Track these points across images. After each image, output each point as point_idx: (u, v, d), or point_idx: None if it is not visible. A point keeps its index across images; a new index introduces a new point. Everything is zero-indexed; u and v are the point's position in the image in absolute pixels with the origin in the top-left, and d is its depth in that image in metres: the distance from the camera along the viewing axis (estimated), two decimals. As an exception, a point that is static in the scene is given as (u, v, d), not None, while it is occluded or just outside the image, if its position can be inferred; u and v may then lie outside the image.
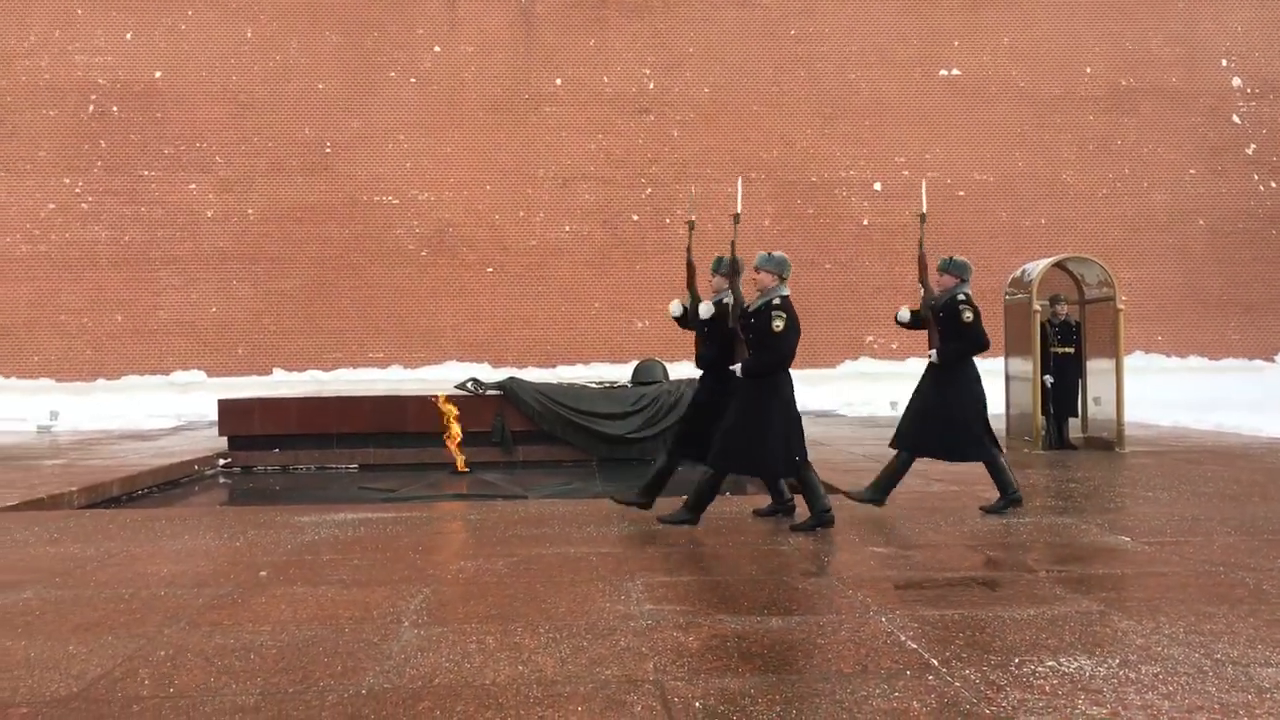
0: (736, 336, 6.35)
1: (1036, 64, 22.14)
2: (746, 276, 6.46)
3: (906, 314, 7.11)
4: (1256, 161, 22.38)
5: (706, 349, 6.70)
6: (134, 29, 20.96)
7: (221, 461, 12.02)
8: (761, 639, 3.95)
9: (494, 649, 3.85)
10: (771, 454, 6.20)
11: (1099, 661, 3.62)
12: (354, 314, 20.87)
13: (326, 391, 15.40)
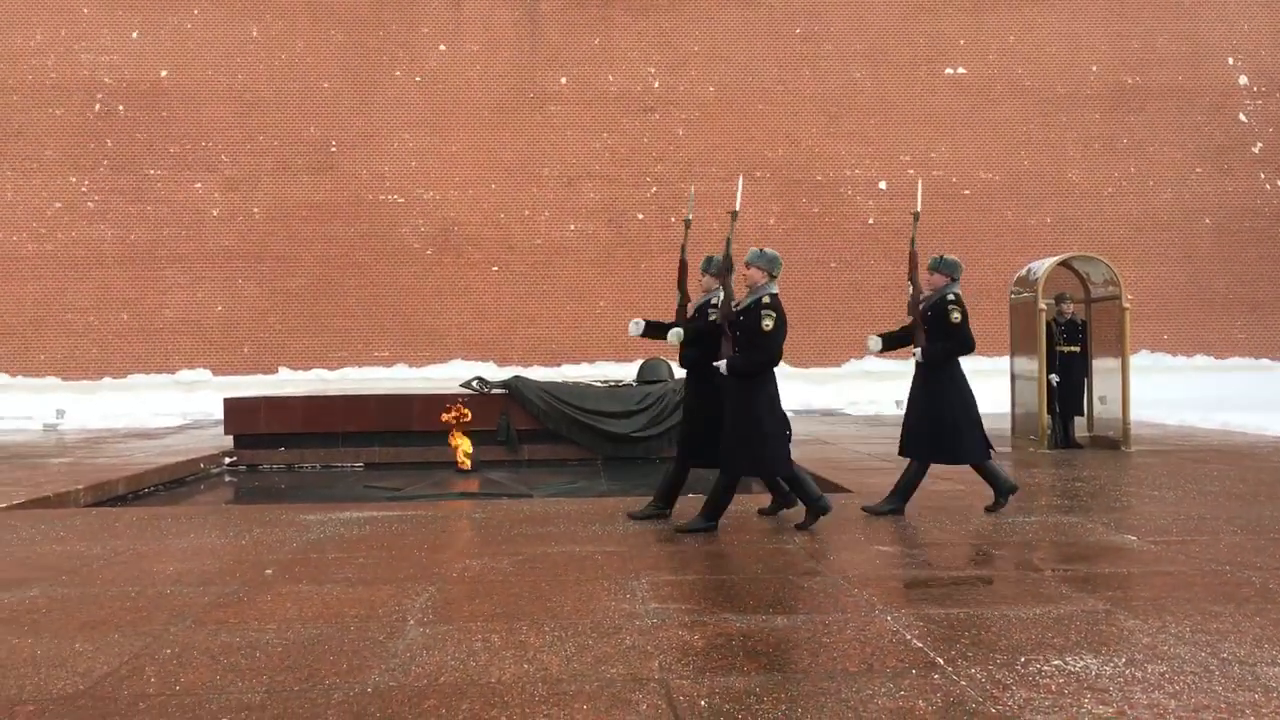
0: (723, 334, 6.29)
1: (1041, 63, 22.10)
2: (737, 273, 6.40)
3: (877, 344, 7.02)
4: (1263, 160, 22.31)
5: (691, 349, 6.65)
6: (140, 28, 21.00)
7: (227, 460, 12.04)
8: (766, 637, 3.95)
9: (499, 647, 3.85)
10: (771, 453, 6.18)
11: (1105, 660, 3.62)
12: (359, 313, 20.88)
13: (332, 390, 15.41)
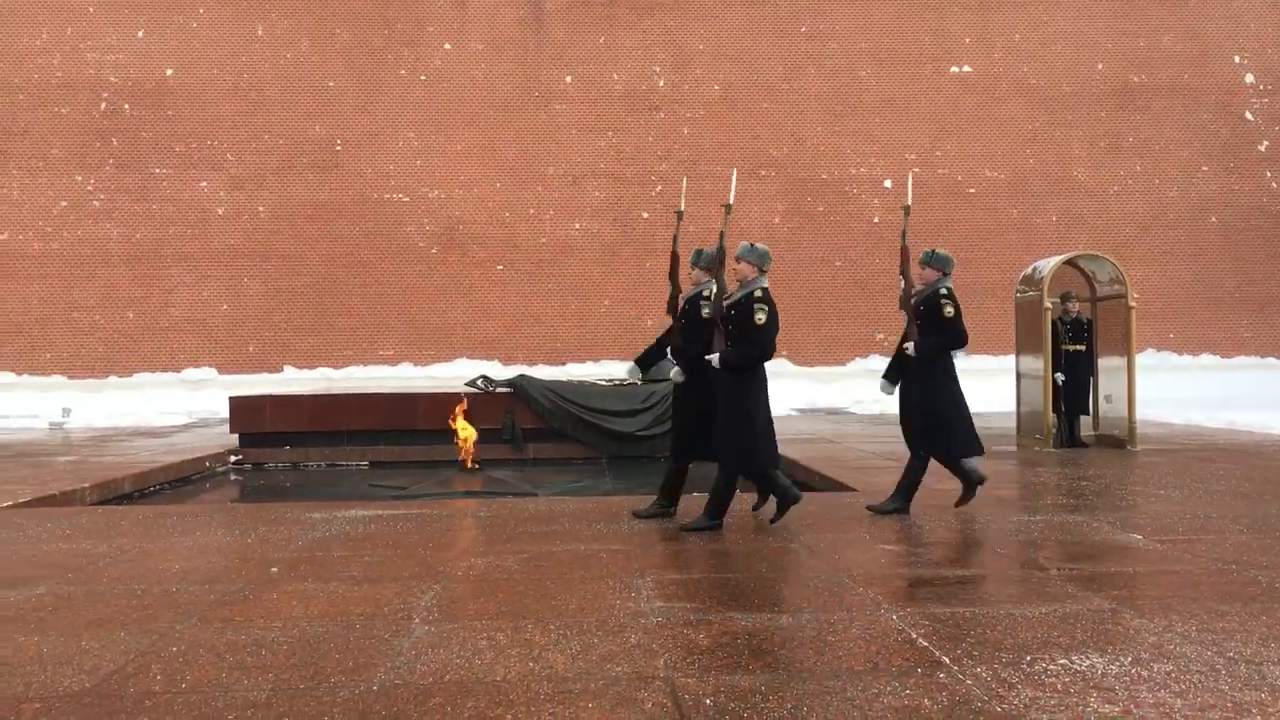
0: (715, 327, 6.26)
1: (1047, 61, 22.04)
2: (727, 267, 6.38)
3: (889, 387, 7.05)
4: (1269, 158, 22.24)
5: (683, 341, 6.64)
6: (145, 27, 21.02)
7: (233, 458, 12.07)
8: (772, 636, 3.95)
9: (505, 645, 3.85)
10: (762, 446, 6.19)
11: (1111, 659, 3.61)
12: (364, 311, 20.89)
13: (337, 389, 15.44)
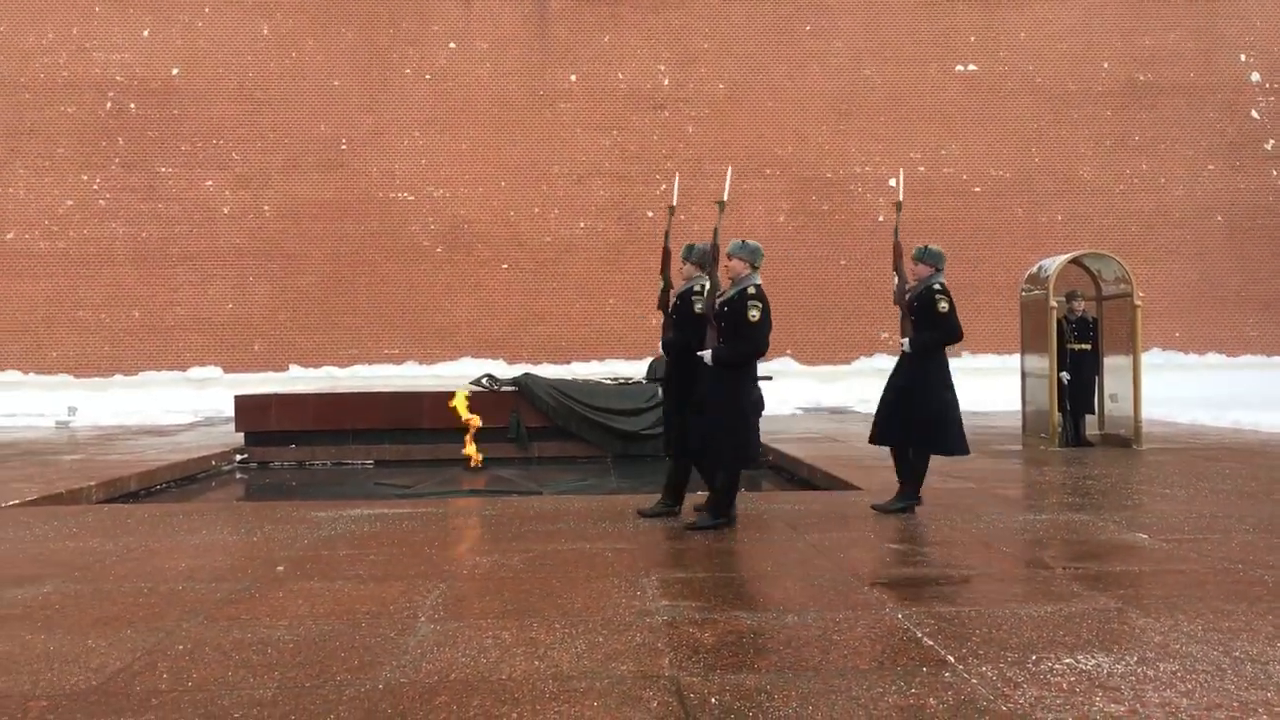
0: (709, 324, 6.25)
1: (1053, 59, 22.00)
2: (720, 264, 6.36)
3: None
4: (1275, 157, 22.19)
5: (676, 335, 6.64)
6: (151, 26, 21.05)
7: (238, 457, 12.10)
8: (777, 635, 3.95)
9: (510, 644, 3.86)
10: (753, 442, 6.21)
11: (1117, 659, 3.61)
12: (369, 310, 20.91)
13: (342, 387, 15.44)
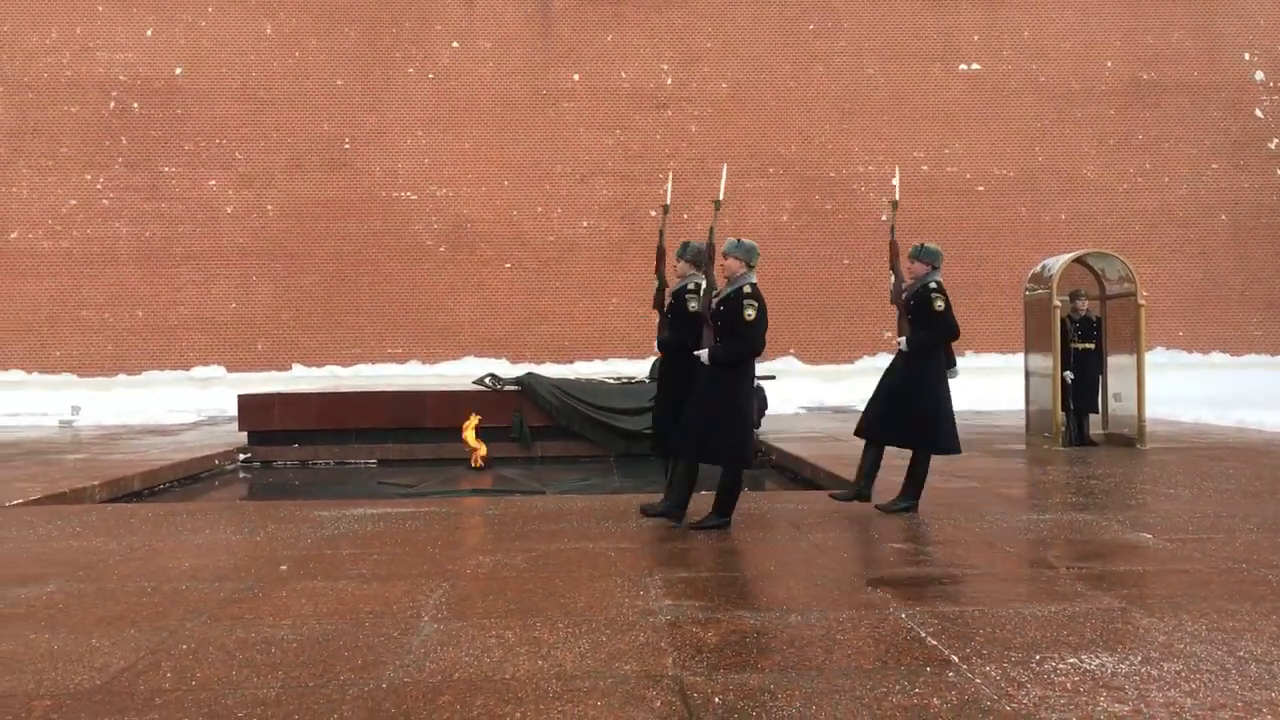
0: (705, 322, 6.25)
1: (1056, 58, 21.97)
2: (715, 262, 6.34)
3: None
4: (1279, 155, 22.16)
5: (671, 334, 6.63)
6: (154, 26, 21.06)
7: (241, 456, 12.10)
8: (780, 634, 3.95)
9: (513, 644, 3.86)
10: (747, 444, 6.22)
11: (1121, 659, 3.60)
12: (372, 309, 20.92)
13: (345, 387, 15.45)
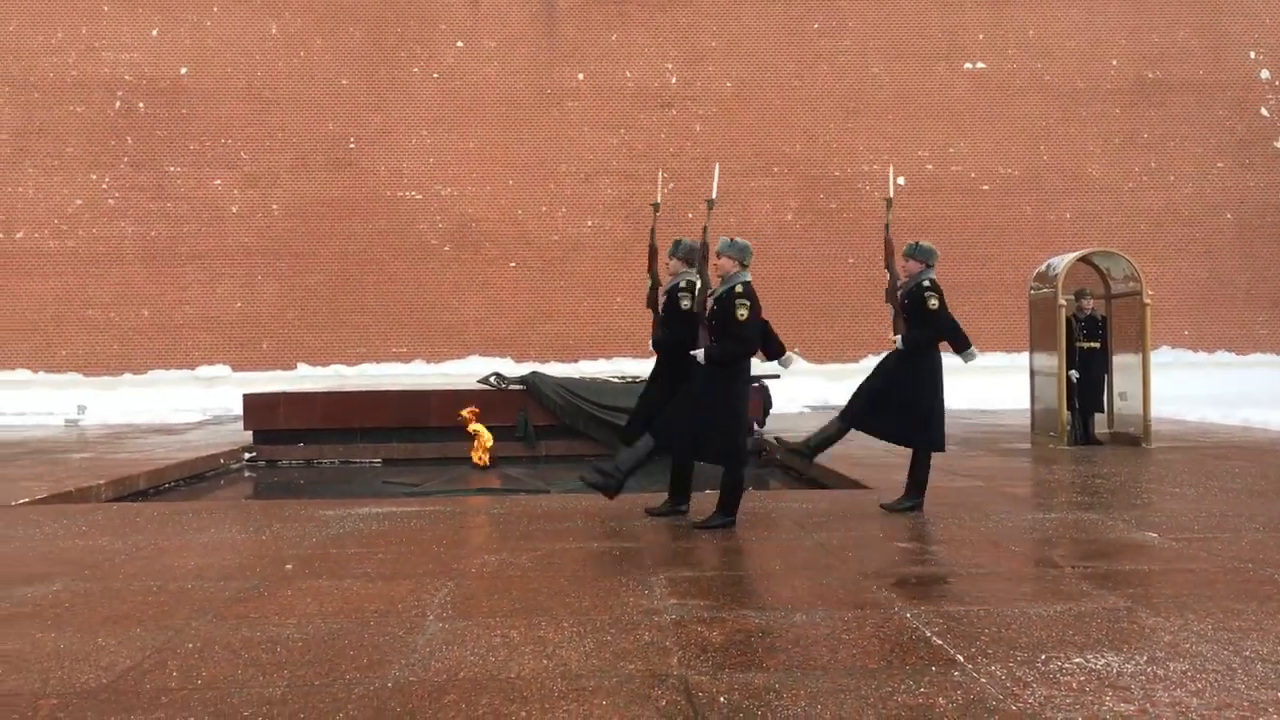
0: (700, 322, 6.26)
1: (1061, 57, 21.94)
2: (710, 262, 6.36)
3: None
4: (1285, 154, 22.13)
5: (665, 333, 6.63)
6: (160, 26, 21.10)
7: (247, 455, 12.12)
8: (786, 634, 3.95)
9: (518, 643, 3.86)
10: (742, 443, 6.24)
11: (1126, 658, 3.60)
12: (377, 309, 20.94)
13: (350, 386, 15.46)
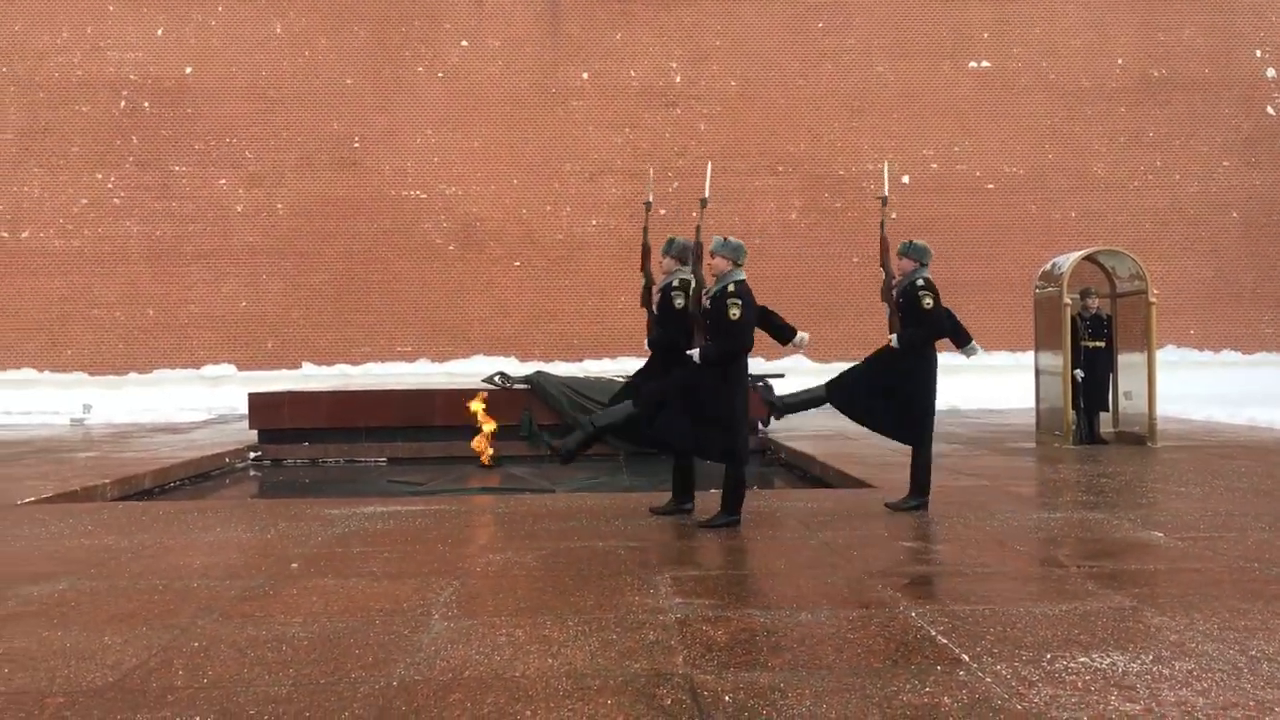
0: (696, 321, 6.27)
1: (1067, 56, 21.90)
2: (704, 261, 6.36)
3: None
4: (1291, 153, 22.07)
5: (660, 333, 6.62)
6: (165, 25, 21.13)
7: (252, 454, 12.13)
8: (790, 633, 3.95)
9: (523, 642, 3.86)
10: (745, 441, 6.25)
11: (1132, 658, 3.59)
12: (382, 308, 20.96)
13: (355, 385, 15.48)
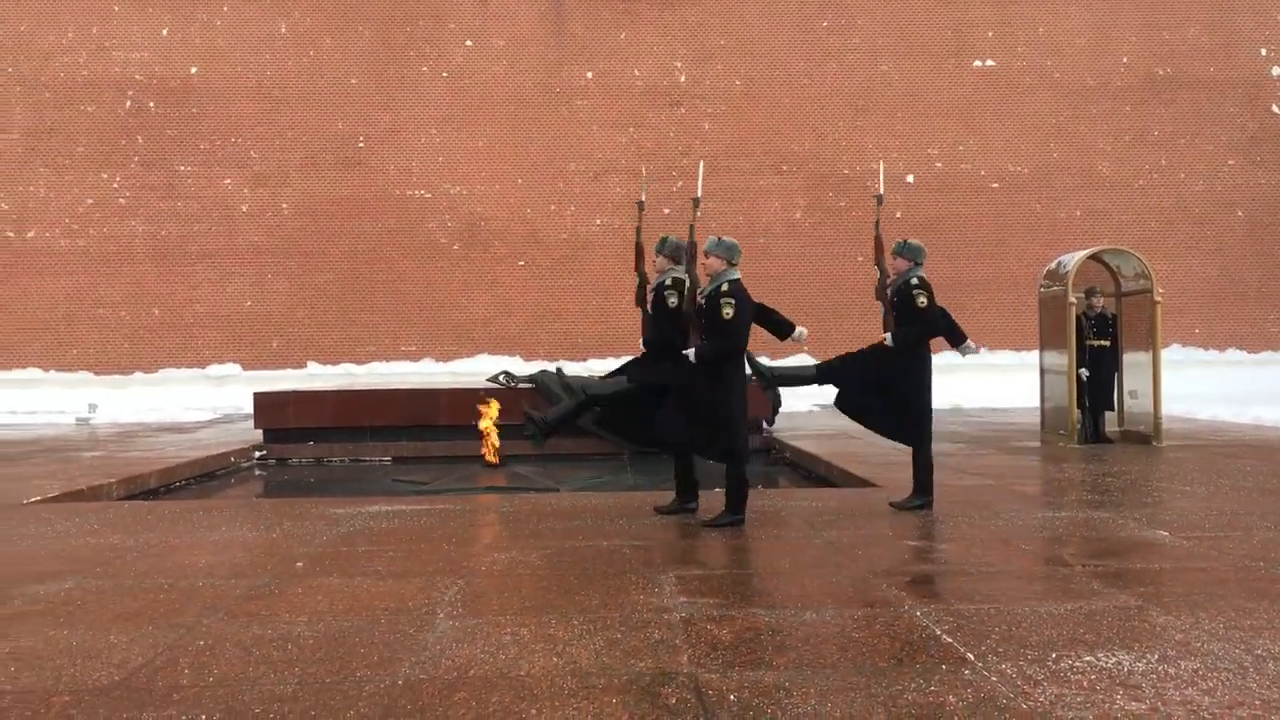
0: (691, 321, 6.27)
1: (1071, 54, 21.88)
2: (698, 261, 6.34)
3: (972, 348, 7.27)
4: (1297, 152, 22.03)
5: (654, 332, 6.62)
6: (170, 25, 21.17)
7: (257, 454, 12.15)
8: (795, 632, 3.95)
9: (528, 641, 3.86)
10: (743, 441, 6.26)
11: (1137, 657, 3.59)
12: (387, 307, 20.99)
13: (360, 385, 15.50)
